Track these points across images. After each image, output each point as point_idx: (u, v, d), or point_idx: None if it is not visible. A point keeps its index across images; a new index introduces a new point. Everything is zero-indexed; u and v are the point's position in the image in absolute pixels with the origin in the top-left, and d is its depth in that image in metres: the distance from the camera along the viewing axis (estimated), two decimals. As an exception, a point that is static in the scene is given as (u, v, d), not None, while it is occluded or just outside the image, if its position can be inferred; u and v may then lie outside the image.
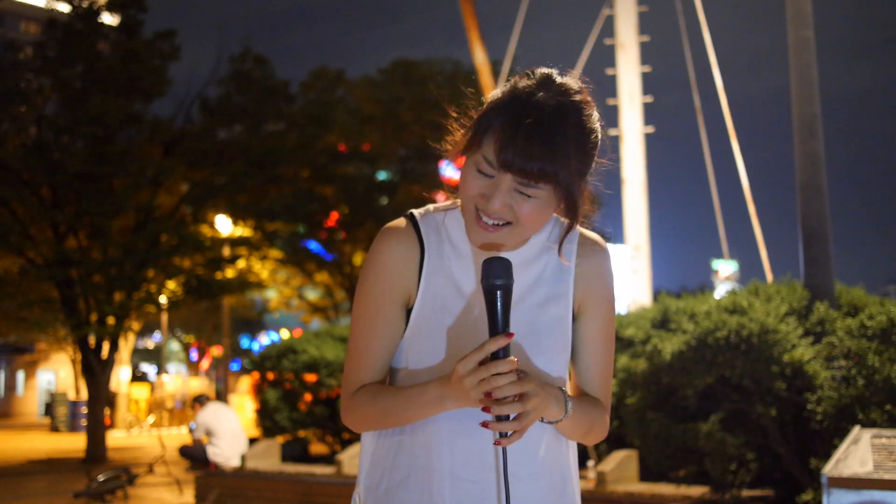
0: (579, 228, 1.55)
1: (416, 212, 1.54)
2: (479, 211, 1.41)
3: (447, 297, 1.47)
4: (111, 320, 16.44)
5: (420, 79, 22.01)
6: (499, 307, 1.32)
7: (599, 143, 1.42)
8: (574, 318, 1.54)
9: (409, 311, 1.49)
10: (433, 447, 1.44)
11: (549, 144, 1.33)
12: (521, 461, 1.44)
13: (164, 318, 30.59)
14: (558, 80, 1.41)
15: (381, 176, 25.81)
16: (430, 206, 1.56)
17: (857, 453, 3.50)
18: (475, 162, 1.40)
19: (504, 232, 1.42)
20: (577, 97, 1.39)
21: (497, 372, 1.28)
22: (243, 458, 9.94)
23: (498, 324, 1.32)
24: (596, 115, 1.42)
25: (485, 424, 1.32)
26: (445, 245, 1.50)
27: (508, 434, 1.32)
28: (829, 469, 3.18)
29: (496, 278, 1.32)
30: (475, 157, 1.40)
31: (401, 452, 1.47)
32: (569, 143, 1.35)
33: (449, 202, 1.57)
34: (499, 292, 1.32)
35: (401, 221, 1.52)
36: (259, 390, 12.06)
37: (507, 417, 1.32)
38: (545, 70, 1.42)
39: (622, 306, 13.48)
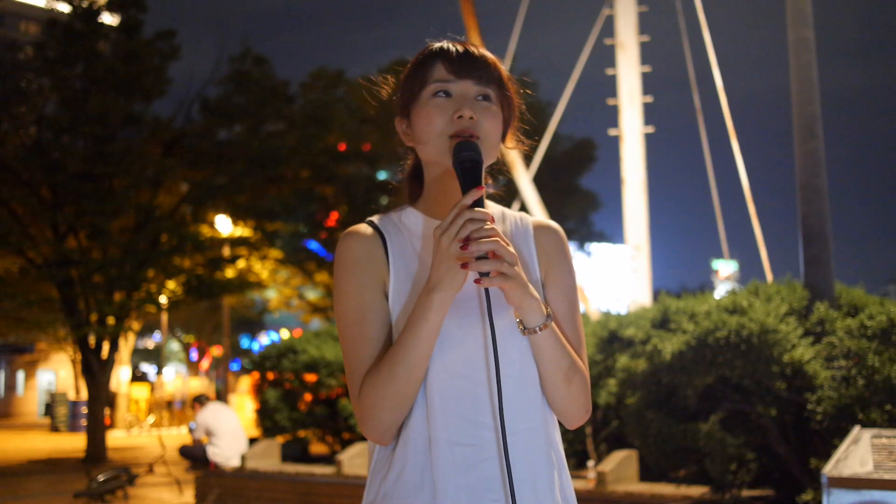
0: (531, 217, 1.65)
1: (370, 218, 1.63)
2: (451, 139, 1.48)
3: (419, 276, 1.51)
4: (111, 320, 16.44)
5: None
6: (469, 173, 1.41)
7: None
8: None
9: (387, 299, 1.52)
10: (429, 419, 1.44)
11: (486, 58, 1.55)
12: (513, 416, 1.44)
13: (164, 318, 30.58)
14: None
15: (381, 176, 25.81)
16: (383, 213, 1.65)
17: (857, 453, 3.50)
18: (429, 93, 1.52)
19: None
20: None
21: (471, 217, 1.33)
22: (243, 458, 9.94)
23: (469, 187, 1.38)
24: None
25: (465, 266, 1.35)
26: (405, 232, 1.57)
27: (489, 275, 1.35)
28: (829, 469, 3.18)
29: (467, 151, 1.43)
30: (427, 90, 1.52)
31: (396, 450, 1.47)
32: (495, 58, 1.57)
33: (399, 207, 1.65)
34: (468, 163, 1.41)
35: (358, 224, 1.60)
36: (259, 390, 12.06)
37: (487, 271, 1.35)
38: None
39: (622, 306, 13.47)
